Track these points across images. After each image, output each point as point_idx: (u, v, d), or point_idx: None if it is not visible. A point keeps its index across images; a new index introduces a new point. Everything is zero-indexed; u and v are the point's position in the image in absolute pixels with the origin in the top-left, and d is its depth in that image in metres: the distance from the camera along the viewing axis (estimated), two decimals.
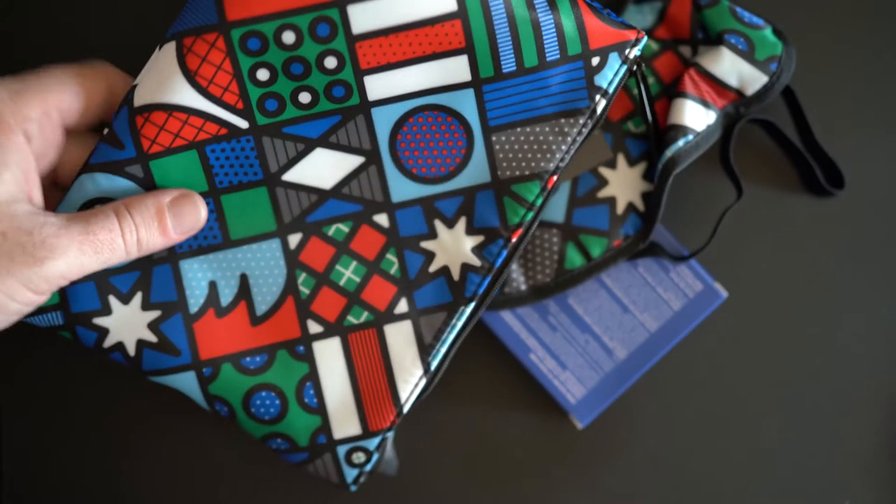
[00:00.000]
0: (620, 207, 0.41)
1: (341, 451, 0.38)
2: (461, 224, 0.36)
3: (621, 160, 0.41)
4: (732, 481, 0.44)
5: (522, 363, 0.42)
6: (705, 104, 0.39)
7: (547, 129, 0.35)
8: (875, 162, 0.44)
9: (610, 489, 0.44)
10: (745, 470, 0.44)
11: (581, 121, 0.35)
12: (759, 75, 0.39)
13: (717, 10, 0.40)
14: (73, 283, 0.37)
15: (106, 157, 0.36)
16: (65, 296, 0.37)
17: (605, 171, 0.41)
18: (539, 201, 0.35)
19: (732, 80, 0.39)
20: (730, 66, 0.39)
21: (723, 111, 0.40)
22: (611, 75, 0.35)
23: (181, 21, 0.35)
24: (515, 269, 0.41)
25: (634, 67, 0.36)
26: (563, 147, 0.35)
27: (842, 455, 0.44)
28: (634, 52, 0.35)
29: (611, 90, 0.35)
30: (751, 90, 0.39)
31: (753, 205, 0.44)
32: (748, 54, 0.39)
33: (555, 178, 0.35)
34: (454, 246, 0.36)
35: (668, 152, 0.39)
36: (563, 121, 0.35)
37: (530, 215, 0.36)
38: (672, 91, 0.40)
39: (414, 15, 0.34)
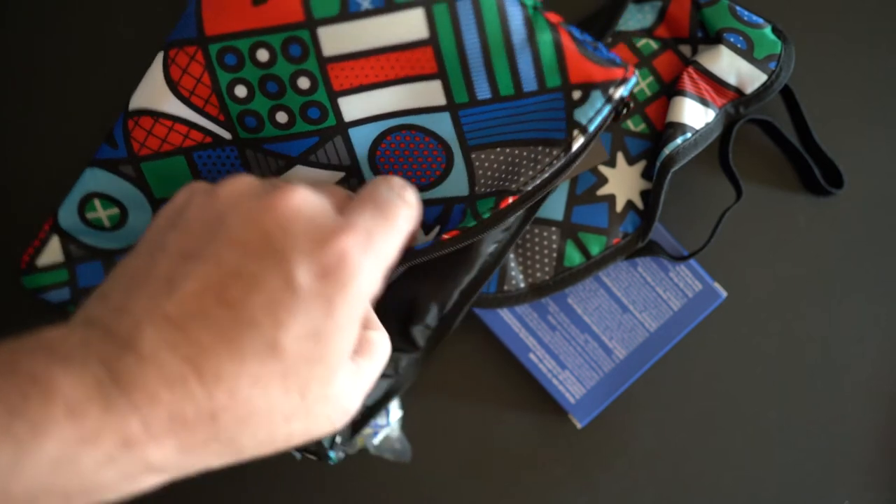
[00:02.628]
0: (619, 205, 0.41)
1: None
2: (433, 234, 0.36)
3: (620, 158, 0.41)
4: (731, 481, 0.44)
5: (522, 362, 0.42)
6: (704, 102, 0.39)
7: (524, 152, 0.35)
8: (874, 161, 0.44)
9: (609, 488, 0.44)
10: (745, 469, 0.44)
11: (554, 152, 0.34)
12: (758, 74, 0.39)
13: (716, 9, 0.40)
14: (82, 262, 0.38)
15: (104, 155, 0.38)
16: (73, 273, 0.38)
17: (604, 170, 0.41)
18: (486, 215, 0.35)
19: (731, 79, 0.39)
20: (728, 65, 0.39)
21: (722, 110, 0.40)
22: (592, 113, 0.34)
23: (172, 33, 0.36)
24: (514, 268, 0.41)
25: (623, 108, 0.35)
26: (529, 172, 0.35)
27: (842, 455, 0.44)
28: (621, 92, 0.34)
29: (591, 128, 0.34)
30: (750, 89, 0.39)
31: (752, 205, 0.44)
32: (747, 53, 0.39)
33: (510, 199, 0.35)
34: None
35: (667, 150, 0.39)
36: (539, 148, 0.35)
37: (473, 223, 0.35)
38: (671, 90, 0.40)
39: (384, 40, 0.34)
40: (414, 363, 0.41)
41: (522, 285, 0.41)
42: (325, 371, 0.26)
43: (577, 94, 0.34)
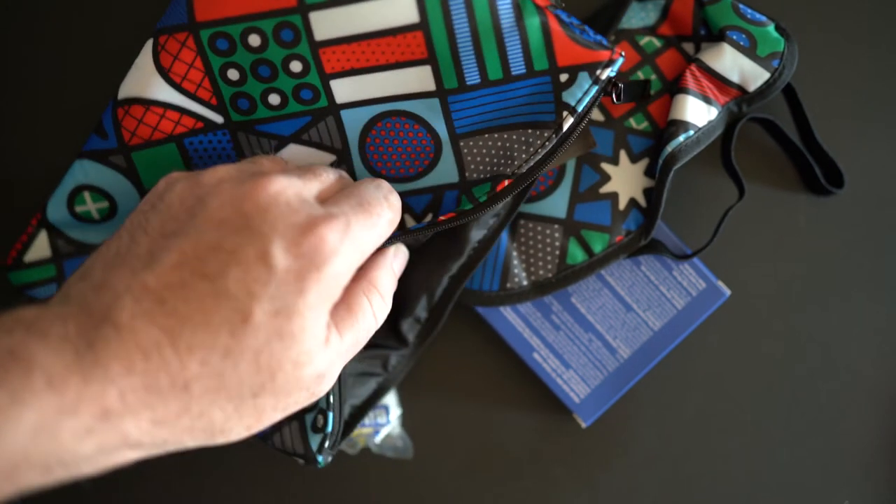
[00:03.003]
0: (622, 203, 0.40)
1: (308, 417, 0.37)
2: (428, 220, 0.36)
3: (623, 156, 0.41)
4: (733, 480, 0.44)
5: (526, 362, 0.42)
6: (707, 100, 0.39)
7: (514, 136, 0.35)
8: (875, 161, 0.44)
9: (614, 487, 0.43)
10: (746, 469, 0.44)
11: (545, 134, 0.35)
12: (761, 72, 0.39)
13: (719, 7, 0.40)
14: (70, 258, 0.38)
15: (94, 146, 0.37)
16: (61, 269, 0.38)
17: (607, 167, 0.41)
18: (482, 199, 0.35)
19: (734, 77, 0.39)
20: (731, 62, 0.39)
21: (724, 108, 0.40)
22: (580, 94, 0.34)
23: (162, 20, 0.36)
24: (517, 265, 0.40)
25: (609, 88, 0.35)
26: (524, 156, 0.35)
27: (842, 455, 0.44)
28: (607, 73, 0.34)
29: (580, 108, 0.35)
30: (752, 86, 0.39)
31: (754, 203, 0.44)
32: (750, 51, 0.39)
33: (506, 182, 0.35)
34: None
35: (669, 147, 0.39)
36: (529, 131, 0.35)
37: (469, 206, 0.35)
38: (674, 87, 0.40)
39: (375, 25, 0.34)
40: (404, 360, 0.40)
41: (525, 283, 0.40)
42: (298, 352, 0.27)
43: (564, 77, 0.35)
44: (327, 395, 0.37)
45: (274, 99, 0.36)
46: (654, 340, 0.41)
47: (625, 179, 0.40)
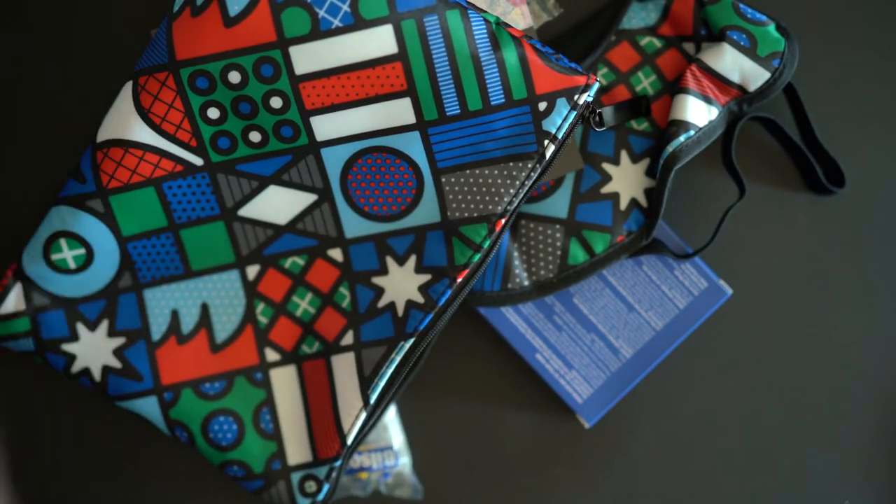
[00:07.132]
0: (623, 203, 0.40)
1: (295, 478, 0.38)
2: (411, 262, 0.36)
3: (624, 156, 0.41)
4: (734, 480, 0.44)
5: (528, 363, 0.42)
6: (707, 100, 0.39)
7: (496, 171, 0.35)
8: (876, 161, 0.44)
9: (618, 487, 0.43)
10: (747, 469, 0.44)
11: (529, 165, 0.35)
12: (762, 71, 0.39)
13: (720, 7, 0.40)
14: (44, 311, 0.38)
15: (71, 191, 0.37)
16: (36, 322, 0.38)
17: (608, 168, 0.41)
18: (486, 244, 0.35)
19: (734, 76, 0.39)
20: (732, 62, 0.39)
21: (725, 107, 0.40)
22: (559, 121, 0.35)
23: (141, 60, 0.36)
24: (518, 266, 0.40)
25: (587, 113, 0.36)
26: (511, 191, 0.35)
27: (842, 455, 0.44)
28: (585, 98, 0.35)
29: (559, 135, 0.35)
30: (753, 86, 0.39)
31: (755, 203, 0.44)
32: (750, 50, 0.39)
33: (503, 221, 0.35)
34: (402, 283, 0.36)
35: (670, 147, 0.39)
36: (511, 164, 0.35)
37: (477, 257, 0.36)
38: (674, 87, 0.40)
39: (355, 57, 0.35)
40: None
41: (527, 283, 0.40)
42: None
43: (543, 105, 0.35)
44: (329, 468, 0.38)
45: (254, 136, 0.36)
46: (656, 340, 0.41)
47: (626, 179, 0.40)
